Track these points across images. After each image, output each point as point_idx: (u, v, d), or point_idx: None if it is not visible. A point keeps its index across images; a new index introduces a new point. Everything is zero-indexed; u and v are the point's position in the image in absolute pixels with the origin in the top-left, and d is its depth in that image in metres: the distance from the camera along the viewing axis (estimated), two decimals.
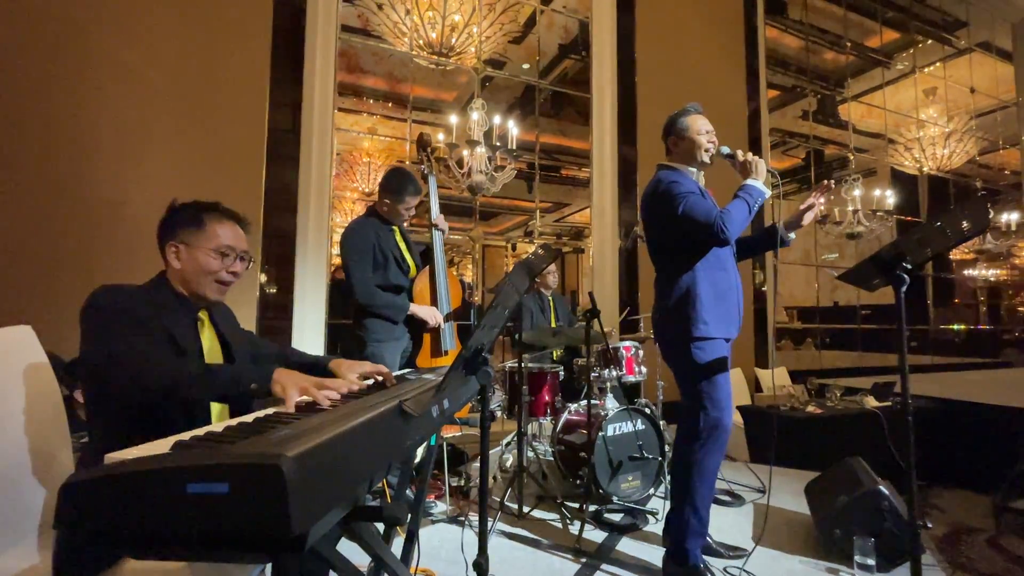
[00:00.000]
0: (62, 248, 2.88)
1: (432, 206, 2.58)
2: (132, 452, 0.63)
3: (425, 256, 2.62)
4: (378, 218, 2.43)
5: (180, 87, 3.25)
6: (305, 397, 0.99)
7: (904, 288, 1.39)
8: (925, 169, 6.93)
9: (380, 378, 1.21)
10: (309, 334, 3.62)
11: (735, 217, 1.75)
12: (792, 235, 1.93)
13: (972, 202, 1.28)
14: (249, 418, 0.80)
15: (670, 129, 1.99)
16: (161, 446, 0.66)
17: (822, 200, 1.95)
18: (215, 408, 1.18)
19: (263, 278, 3.48)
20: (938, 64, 7.59)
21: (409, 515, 1.41)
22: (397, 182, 2.38)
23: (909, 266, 1.37)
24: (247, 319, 3.37)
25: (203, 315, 1.21)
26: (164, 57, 3.22)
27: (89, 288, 1.08)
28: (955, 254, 8.35)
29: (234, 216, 1.25)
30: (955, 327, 8.14)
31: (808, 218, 1.91)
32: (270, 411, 0.89)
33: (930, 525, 2.01)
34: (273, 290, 3.52)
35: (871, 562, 1.85)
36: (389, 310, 2.34)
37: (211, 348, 1.19)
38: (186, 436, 0.68)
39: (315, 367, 1.27)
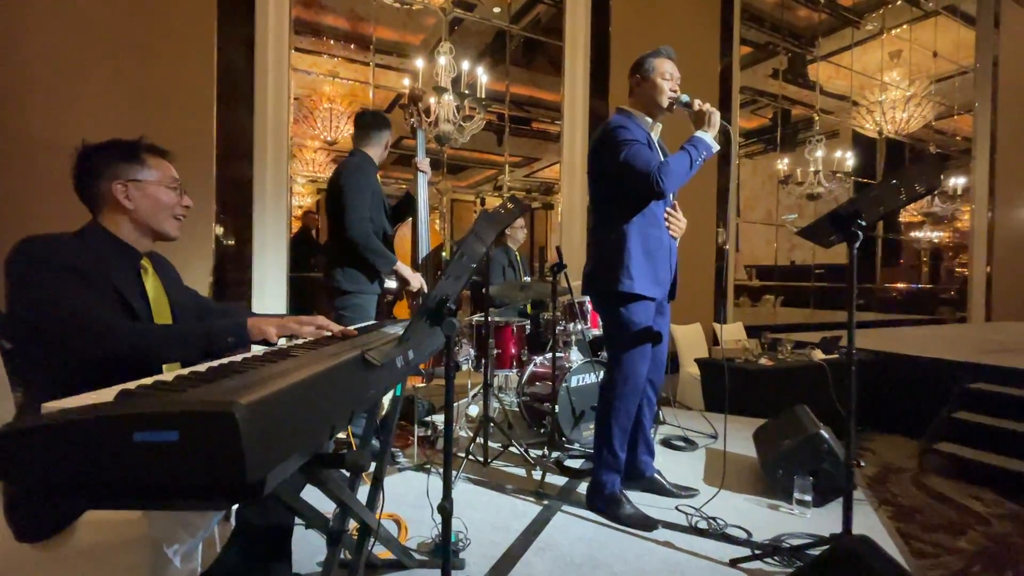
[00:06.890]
0: None
1: (418, 151, 2.72)
2: (72, 401, 0.60)
3: (407, 200, 2.71)
4: (366, 159, 2.44)
5: (118, 18, 2.95)
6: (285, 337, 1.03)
7: (857, 245, 1.44)
8: (884, 132, 7.10)
9: (330, 333, 1.19)
10: (270, 288, 3.51)
11: (674, 170, 1.72)
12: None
13: (926, 161, 1.31)
14: (202, 367, 0.78)
15: (636, 68, 1.92)
16: (105, 395, 0.63)
17: None
18: None
19: (219, 229, 3.31)
20: (905, 26, 7.65)
21: (374, 463, 1.44)
22: (371, 118, 2.48)
23: (863, 223, 1.42)
24: (203, 273, 3.23)
25: (146, 263, 1.14)
26: None
27: (23, 236, 1.00)
28: (904, 216, 8.74)
29: (162, 150, 1.17)
30: (898, 285, 8.63)
31: None
32: (226, 360, 0.87)
33: (863, 464, 2.18)
34: (230, 242, 3.37)
35: (808, 498, 2.01)
36: (379, 258, 2.32)
37: (156, 298, 1.12)
38: (131, 385, 0.65)
39: None
